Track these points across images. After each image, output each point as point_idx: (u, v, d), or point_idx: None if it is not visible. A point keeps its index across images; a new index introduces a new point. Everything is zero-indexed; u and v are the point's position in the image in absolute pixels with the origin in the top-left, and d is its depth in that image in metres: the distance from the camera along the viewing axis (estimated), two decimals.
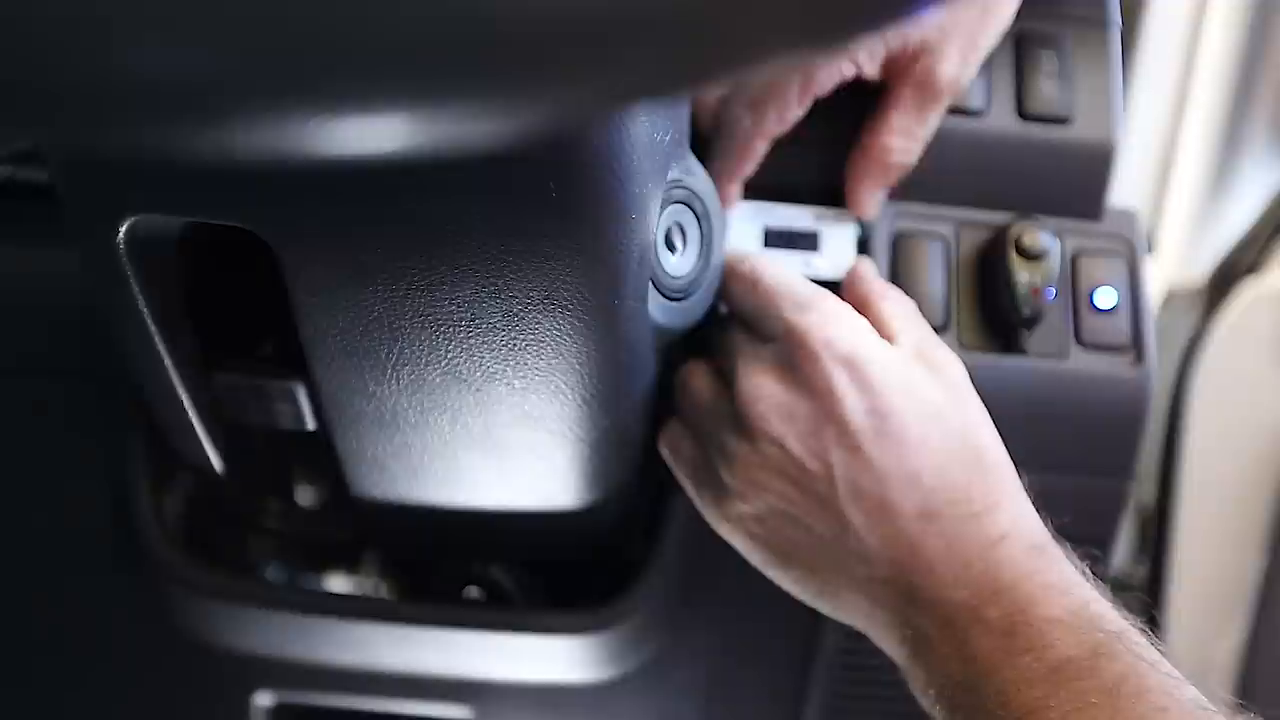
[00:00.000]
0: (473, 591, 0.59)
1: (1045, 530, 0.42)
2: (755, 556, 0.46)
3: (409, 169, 0.34)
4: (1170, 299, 1.02)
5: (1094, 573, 0.41)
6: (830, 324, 0.44)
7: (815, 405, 0.43)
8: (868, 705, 0.60)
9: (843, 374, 0.43)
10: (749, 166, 0.51)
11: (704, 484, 0.47)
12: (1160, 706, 0.36)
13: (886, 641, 0.43)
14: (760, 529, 0.45)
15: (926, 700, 0.41)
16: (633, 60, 0.18)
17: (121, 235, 0.39)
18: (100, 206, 0.39)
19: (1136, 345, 0.52)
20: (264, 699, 0.61)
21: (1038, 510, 0.43)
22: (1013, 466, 0.44)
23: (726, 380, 0.46)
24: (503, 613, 0.57)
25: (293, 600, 0.55)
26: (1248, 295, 0.93)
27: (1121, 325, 0.52)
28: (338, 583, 0.61)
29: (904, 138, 0.50)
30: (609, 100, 0.22)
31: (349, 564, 0.61)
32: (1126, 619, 0.39)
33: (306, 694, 0.61)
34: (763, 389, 0.44)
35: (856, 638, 0.44)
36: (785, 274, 0.47)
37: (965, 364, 0.46)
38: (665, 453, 0.49)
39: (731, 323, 0.48)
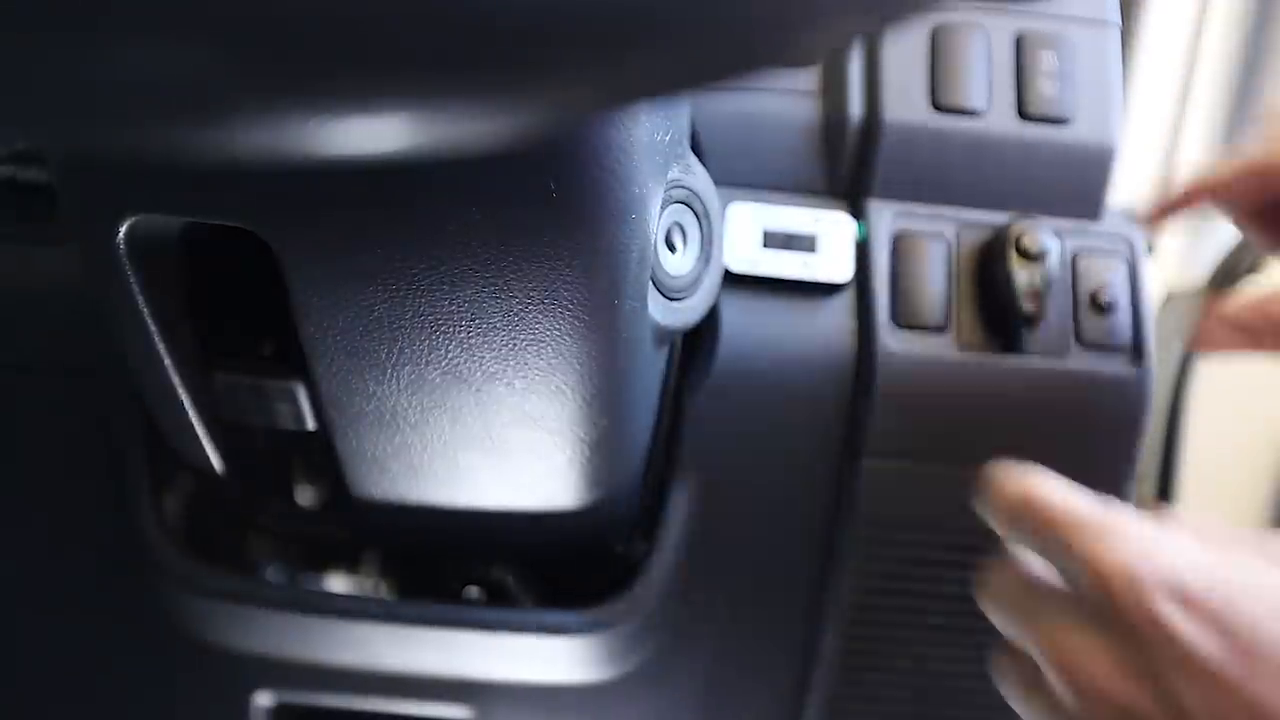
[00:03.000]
0: (473, 591, 0.59)
1: None
2: None
3: (409, 169, 0.34)
4: (1170, 299, 1.02)
5: None
6: (1133, 550, 0.35)
7: (1152, 656, 0.34)
8: (868, 705, 0.60)
9: (1175, 611, 0.34)
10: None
11: None
12: None
13: None
14: None
15: None
16: (642, 58, 0.18)
17: (121, 235, 0.39)
18: (100, 206, 0.39)
19: (1136, 345, 0.52)
20: (264, 699, 0.61)
21: None
22: None
23: (1032, 655, 0.38)
24: (503, 613, 0.57)
25: (293, 600, 0.55)
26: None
27: (1121, 325, 0.52)
28: (338, 583, 0.61)
29: None
30: (618, 97, 0.22)
31: (349, 564, 0.60)
32: None
33: (306, 694, 0.61)
34: (1084, 669, 0.36)
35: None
36: (1064, 492, 0.38)
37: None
38: None
39: (1009, 565, 0.40)
